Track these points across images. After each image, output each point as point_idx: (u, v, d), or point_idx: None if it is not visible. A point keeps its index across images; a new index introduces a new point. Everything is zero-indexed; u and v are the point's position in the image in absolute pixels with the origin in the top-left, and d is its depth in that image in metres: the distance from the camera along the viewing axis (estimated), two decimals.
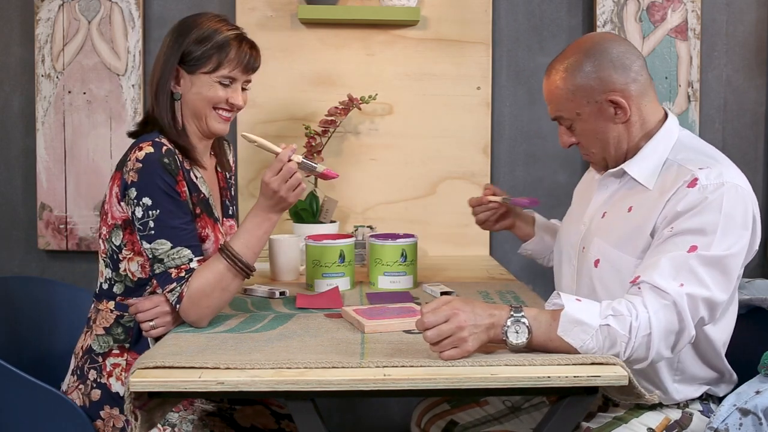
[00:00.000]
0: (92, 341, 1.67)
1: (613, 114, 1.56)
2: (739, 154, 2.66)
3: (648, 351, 1.37)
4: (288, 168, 1.57)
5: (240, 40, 1.71)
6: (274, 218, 1.61)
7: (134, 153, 1.60)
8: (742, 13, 2.71)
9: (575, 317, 1.35)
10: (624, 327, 1.35)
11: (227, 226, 1.81)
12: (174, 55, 1.68)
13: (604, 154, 1.62)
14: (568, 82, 1.57)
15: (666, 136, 1.59)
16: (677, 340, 1.40)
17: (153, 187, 1.57)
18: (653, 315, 1.36)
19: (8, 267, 2.67)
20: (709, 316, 1.43)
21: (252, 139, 1.64)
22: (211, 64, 1.68)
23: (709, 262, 1.41)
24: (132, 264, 1.66)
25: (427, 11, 2.60)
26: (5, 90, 2.63)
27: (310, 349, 1.40)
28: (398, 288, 1.95)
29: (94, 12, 2.56)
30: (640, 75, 1.56)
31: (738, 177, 1.50)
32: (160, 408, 1.42)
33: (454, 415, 1.87)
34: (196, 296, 1.54)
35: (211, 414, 1.74)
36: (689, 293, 1.39)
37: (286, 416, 1.84)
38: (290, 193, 1.58)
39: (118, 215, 1.64)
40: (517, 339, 1.35)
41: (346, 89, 2.53)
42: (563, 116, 1.61)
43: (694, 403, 1.59)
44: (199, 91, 1.69)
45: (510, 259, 2.67)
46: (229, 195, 1.87)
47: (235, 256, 1.57)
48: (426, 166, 2.62)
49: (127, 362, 1.66)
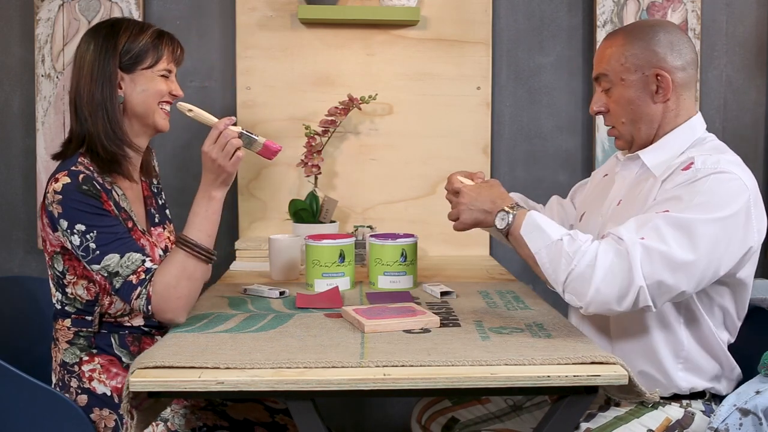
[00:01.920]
0: (62, 355, 1.69)
1: (654, 91, 1.58)
2: (739, 154, 2.64)
3: (587, 286, 1.39)
4: (224, 135, 1.57)
5: (162, 33, 1.72)
6: (218, 195, 1.60)
7: (51, 185, 1.58)
8: (742, 13, 2.71)
9: (537, 222, 1.49)
10: (572, 248, 1.42)
11: (156, 235, 1.78)
12: (109, 60, 1.65)
13: (632, 129, 1.63)
14: (626, 47, 1.60)
15: (687, 131, 1.60)
16: (625, 290, 1.39)
17: (80, 213, 1.56)
18: (602, 252, 1.40)
19: (8, 267, 2.67)
20: (674, 278, 1.40)
21: (188, 108, 1.65)
22: (149, 59, 1.68)
23: (674, 223, 1.41)
24: (77, 288, 1.67)
25: (427, 11, 2.60)
26: (5, 90, 2.63)
27: (310, 349, 1.40)
28: (398, 288, 1.95)
29: (94, 12, 2.56)
30: (689, 68, 1.60)
31: (741, 172, 1.49)
32: (155, 407, 1.42)
33: (456, 412, 1.87)
34: (163, 291, 1.54)
35: (203, 408, 1.74)
36: (645, 244, 1.39)
37: (281, 411, 1.84)
38: (227, 161, 1.57)
39: (55, 243, 1.64)
40: (500, 224, 1.56)
41: (346, 89, 2.53)
42: (607, 75, 1.62)
43: (697, 403, 1.59)
44: (144, 88, 1.68)
45: (510, 259, 2.67)
46: (155, 203, 1.84)
47: (191, 243, 1.57)
48: (426, 166, 2.62)
49: (101, 364, 1.68)
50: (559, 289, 1.46)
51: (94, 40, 1.67)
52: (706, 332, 1.56)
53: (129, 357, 1.70)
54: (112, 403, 1.65)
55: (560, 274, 1.43)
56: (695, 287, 1.44)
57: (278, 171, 2.59)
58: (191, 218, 1.60)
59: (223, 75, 2.64)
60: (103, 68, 1.65)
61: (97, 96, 1.65)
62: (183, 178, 2.63)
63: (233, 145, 1.58)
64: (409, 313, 1.61)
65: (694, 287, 1.44)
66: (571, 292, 1.43)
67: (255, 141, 1.63)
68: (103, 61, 1.65)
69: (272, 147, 1.65)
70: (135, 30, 1.68)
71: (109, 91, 1.65)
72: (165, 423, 1.66)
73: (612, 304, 1.40)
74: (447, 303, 1.79)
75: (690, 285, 1.42)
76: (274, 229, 2.57)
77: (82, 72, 1.66)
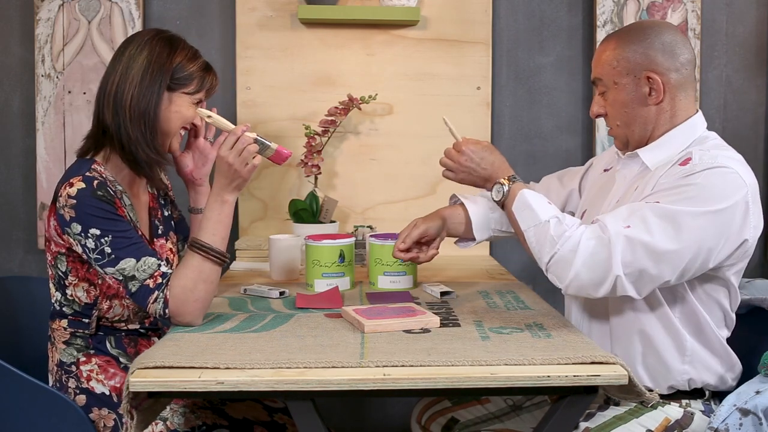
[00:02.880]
0: (60, 355, 1.69)
1: (647, 93, 1.59)
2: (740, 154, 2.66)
3: (568, 270, 1.44)
4: (241, 140, 1.59)
5: (210, 67, 1.77)
6: (230, 199, 1.62)
7: (65, 189, 1.58)
8: (742, 13, 2.71)
9: (528, 201, 1.54)
10: (557, 231, 1.47)
11: (158, 246, 1.79)
12: (162, 74, 1.67)
13: (626, 131, 1.64)
14: (617, 50, 1.61)
15: (688, 129, 1.60)
16: (602, 278, 1.43)
17: (95, 218, 1.56)
18: (585, 239, 1.44)
19: (8, 267, 2.67)
20: (657, 268, 1.43)
21: (207, 114, 1.69)
22: (193, 86, 1.71)
23: (662, 214, 1.44)
24: (78, 290, 1.67)
25: (427, 11, 2.60)
26: (5, 90, 2.63)
27: (310, 349, 1.40)
28: (398, 288, 1.95)
29: (94, 12, 2.56)
30: (684, 68, 1.59)
31: (740, 168, 1.49)
32: (155, 406, 1.42)
33: (455, 413, 1.87)
34: (181, 294, 1.55)
35: (202, 407, 1.74)
36: (629, 235, 1.42)
37: (280, 410, 1.84)
38: (243, 166, 1.59)
39: (61, 244, 1.64)
40: (496, 196, 1.64)
41: (346, 89, 2.53)
42: (602, 80, 1.64)
43: (696, 403, 1.59)
44: (178, 110, 1.70)
45: (510, 259, 2.67)
46: (161, 214, 1.84)
47: (207, 246, 1.58)
48: (426, 166, 2.62)
49: (98, 365, 1.68)
50: (543, 268, 1.51)
51: (149, 48, 1.68)
52: (707, 330, 1.56)
53: (126, 358, 1.70)
54: (111, 402, 1.65)
55: (544, 255, 1.49)
56: (680, 277, 1.47)
57: (278, 171, 2.59)
58: (204, 222, 1.61)
59: (223, 75, 2.64)
60: (153, 80, 1.66)
61: (142, 104, 1.66)
62: None
63: (250, 152, 1.59)
64: (409, 313, 1.61)
65: (678, 277, 1.47)
66: (552, 273, 1.49)
67: (268, 147, 1.65)
68: (155, 74, 1.66)
69: (283, 153, 1.67)
70: (189, 54, 1.72)
71: (154, 104, 1.66)
72: (164, 422, 1.66)
73: (589, 289, 1.45)
74: (447, 303, 1.79)
75: (674, 275, 1.45)
76: (274, 229, 2.57)
77: (129, 75, 1.66)
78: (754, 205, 1.49)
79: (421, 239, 1.81)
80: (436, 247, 1.83)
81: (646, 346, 1.58)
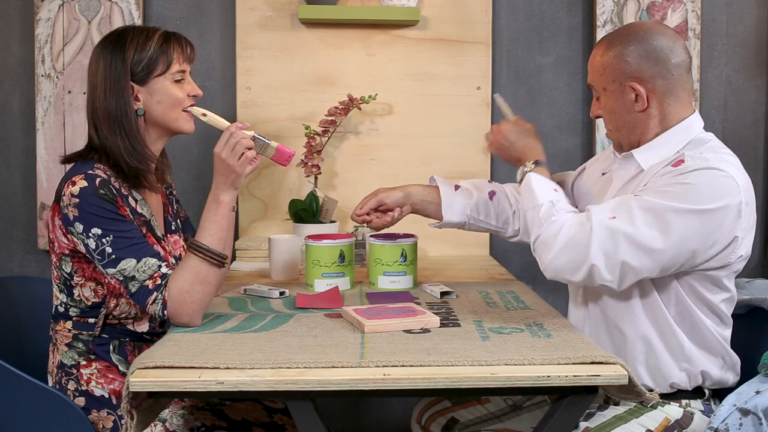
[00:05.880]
0: (61, 357, 1.69)
1: (633, 101, 1.60)
2: (739, 154, 2.62)
3: (548, 252, 1.50)
4: (234, 135, 1.59)
5: (169, 35, 1.70)
6: (226, 199, 1.61)
7: (68, 188, 1.58)
8: (742, 13, 2.71)
9: (530, 184, 1.61)
10: (546, 214, 1.53)
11: (171, 242, 1.79)
12: (120, 75, 1.64)
13: (617, 135, 1.66)
14: (604, 57, 1.62)
15: (683, 130, 1.60)
16: (579, 264, 1.46)
17: (96, 217, 1.56)
18: (568, 225, 1.49)
19: (8, 267, 2.67)
20: (638, 261, 1.45)
21: (202, 113, 1.68)
22: (160, 66, 1.66)
23: (648, 207, 1.46)
24: (85, 289, 1.67)
25: (427, 11, 2.60)
26: (5, 90, 2.63)
27: (310, 349, 1.40)
28: (398, 288, 1.95)
29: (94, 12, 2.56)
30: (673, 72, 1.58)
31: (734, 170, 1.49)
32: (154, 407, 1.42)
33: (455, 413, 1.87)
34: (178, 296, 1.55)
35: (201, 408, 1.74)
36: (611, 226, 1.45)
37: (279, 410, 1.84)
38: (236, 160, 1.58)
39: (65, 245, 1.64)
40: (518, 177, 1.72)
41: (346, 89, 2.53)
42: (594, 86, 1.67)
43: (696, 402, 1.59)
44: (160, 99, 1.67)
45: (510, 259, 2.67)
46: (171, 210, 1.85)
47: (203, 247, 1.58)
48: (426, 166, 2.62)
49: (98, 369, 1.68)
50: (532, 248, 1.57)
51: (103, 55, 1.66)
52: (703, 330, 1.56)
53: (125, 366, 1.70)
54: (110, 404, 1.65)
55: (532, 235, 1.56)
56: (661, 272, 1.49)
57: (278, 171, 2.59)
58: (202, 223, 1.61)
59: (223, 75, 2.64)
60: (116, 84, 1.64)
61: (113, 112, 1.64)
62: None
63: (242, 146, 1.58)
64: (409, 313, 1.61)
65: (660, 271, 1.49)
66: (536, 254, 1.55)
67: (268, 146, 1.64)
68: (115, 77, 1.64)
69: (286, 152, 1.65)
70: (141, 38, 1.66)
71: (124, 107, 1.64)
72: (163, 423, 1.66)
73: (566, 273, 1.49)
74: (447, 303, 1.79)
75: (655, 270, 1.48)
76: (274, 229, 2.57)
77: (96, 89, 1.65)
78: (747, 209, 1.49)
79: (379, 207, 1.92)
80: (391, 217, 1.92)
81: (645, 345, 1.58)
